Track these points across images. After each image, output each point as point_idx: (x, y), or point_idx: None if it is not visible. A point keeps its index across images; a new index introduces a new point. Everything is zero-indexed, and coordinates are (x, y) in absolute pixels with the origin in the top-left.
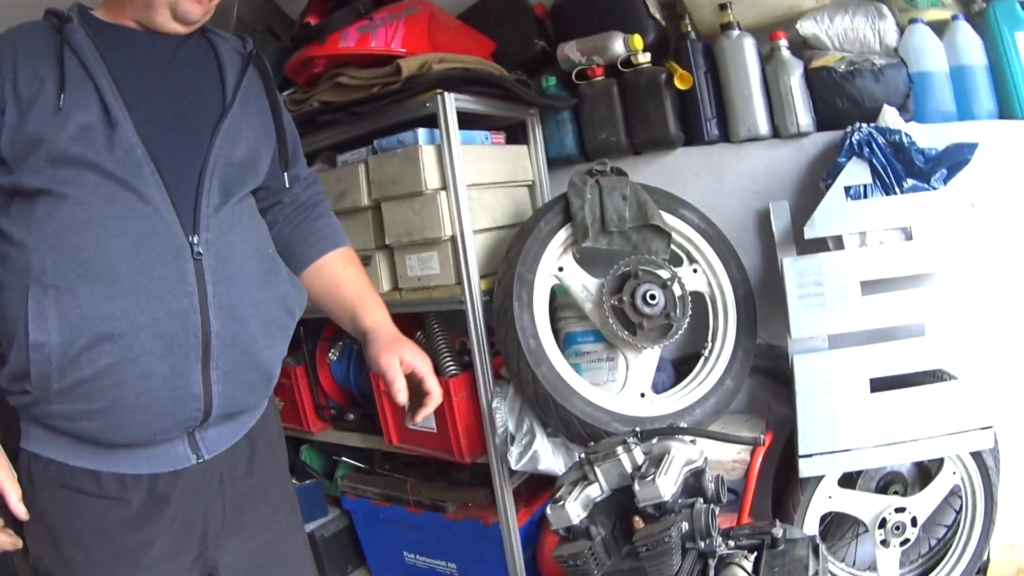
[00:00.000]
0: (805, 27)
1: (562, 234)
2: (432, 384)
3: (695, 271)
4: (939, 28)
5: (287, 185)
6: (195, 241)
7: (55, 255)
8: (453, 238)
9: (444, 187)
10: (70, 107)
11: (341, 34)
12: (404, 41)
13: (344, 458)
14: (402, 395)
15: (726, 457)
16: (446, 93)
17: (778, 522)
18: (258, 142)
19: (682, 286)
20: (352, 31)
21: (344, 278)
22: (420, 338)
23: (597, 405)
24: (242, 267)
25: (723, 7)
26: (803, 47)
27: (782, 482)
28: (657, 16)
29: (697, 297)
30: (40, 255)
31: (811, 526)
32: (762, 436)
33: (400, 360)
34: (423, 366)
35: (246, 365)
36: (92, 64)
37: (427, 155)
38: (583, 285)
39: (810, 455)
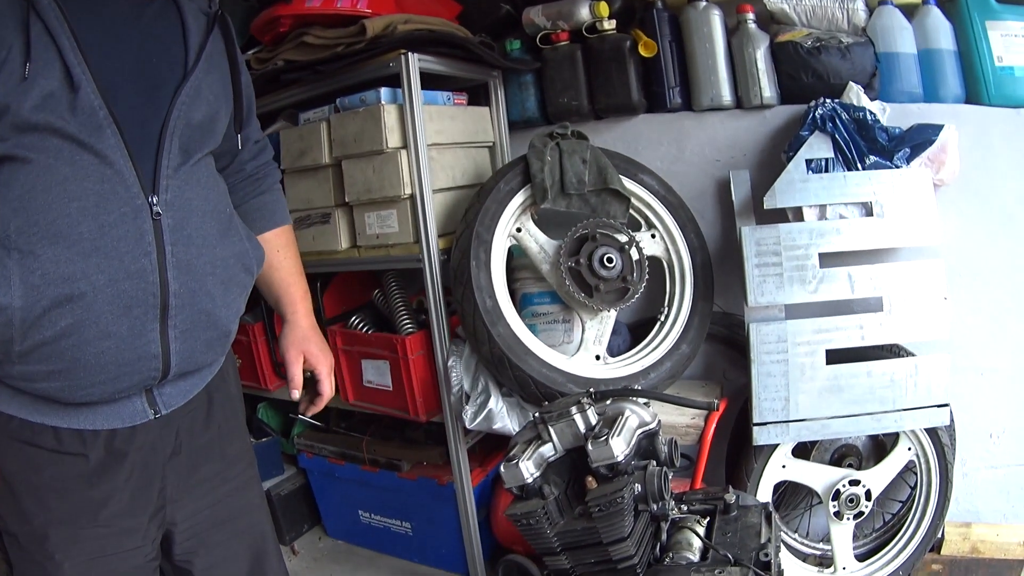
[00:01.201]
0: (773, 2)
1: (521, 195)
2: (325, 387)
3: (653, 236)
4: (909, 11)
5: (240, 147)
6: (154, 201)
7: (18, 219)
8: (412, 197)
9: (405, 146)
10: (34, 75)
11: None
12: (370, 2)
13: (301, 416)
14: (295, 392)
15: (680, 422)
16: (410, 53)
17: (731, 488)
18: (217, 103)
19: (640, 250)
20: None
21: (276, 262)
22: (378, 296)
23: (552, 366)
24: (200, 226)
25: None
26: (770, 21)
27: (736, 449)
28: None
29: (655, 262)
30: (3, 219)
31: (764, 494)
32: (716, 402)
33: (304, 356)
34: (322, 367)
35: (204, 323)
36: (56, 28)
37: (389, 114)
38: (541, 246)
39: (764, 423)
